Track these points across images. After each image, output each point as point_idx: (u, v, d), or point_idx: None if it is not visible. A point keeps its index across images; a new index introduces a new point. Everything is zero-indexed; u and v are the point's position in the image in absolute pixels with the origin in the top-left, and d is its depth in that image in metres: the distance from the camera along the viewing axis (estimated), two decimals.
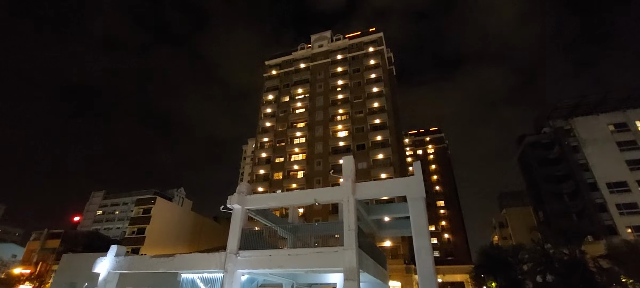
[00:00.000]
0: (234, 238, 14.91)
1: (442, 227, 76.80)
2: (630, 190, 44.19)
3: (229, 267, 14.14)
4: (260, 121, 64.13)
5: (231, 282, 13.95)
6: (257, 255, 14.40)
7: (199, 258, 15.78)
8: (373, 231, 21.68)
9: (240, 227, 15.28)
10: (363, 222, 19.05)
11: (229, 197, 15.82)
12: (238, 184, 16.82)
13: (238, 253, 14.44)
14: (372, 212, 20.14)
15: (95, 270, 16.49)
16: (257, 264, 14.29)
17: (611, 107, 52.52)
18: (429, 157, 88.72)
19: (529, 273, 20.22)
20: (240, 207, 15.70)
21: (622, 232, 40.09)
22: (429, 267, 12.77)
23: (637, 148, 47.06)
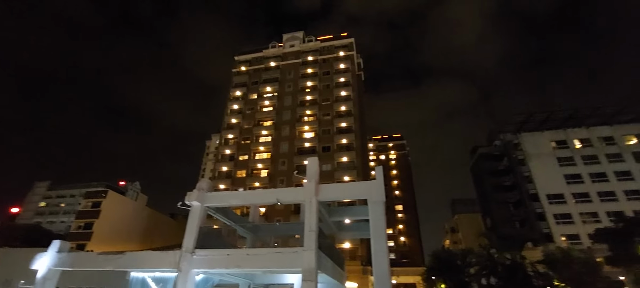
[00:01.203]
0: (191, 237, 14.43)
1: (399, 231, 79.70)
2: (566, 202, 48.93)
3: (183, 266, 13.66)
4: (226, 117, 62.56)
5: (185, 282, 13.49)
6: (214, 254, 14.05)
7: (151, 256, 15.06)
8: (333, 233, 22.00)
9: (198, 225, 14.83)
10: (324, 224, 19.29)
11: (187, 194, 15.29)
12: (199, 181, 16.28)
13: (194, 252, 13.99)
14: (333, 213, 20.45)
15: (33, 267, 15.15)
16: (213, 263, 13.95)
17: (554, 125, 57.69)
18: (391, 162, 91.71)
19: (475, 276, 21.69)
20: (199, 204, 15.24)
21: (557, 239, 44.22)
22: (385, 268, 13.25)
23: (574, 165, 52.18)
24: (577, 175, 50.97)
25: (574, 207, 48.42)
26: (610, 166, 50.68)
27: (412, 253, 73.23)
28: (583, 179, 50.43)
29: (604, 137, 53.84)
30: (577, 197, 49.16)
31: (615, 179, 49.38)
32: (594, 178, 50.21)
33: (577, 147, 54.00)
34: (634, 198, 45.60)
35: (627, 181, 48.80)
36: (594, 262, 25.23)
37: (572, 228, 46.32)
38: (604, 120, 56.11)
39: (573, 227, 46.47)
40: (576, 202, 48.71)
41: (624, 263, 25.63)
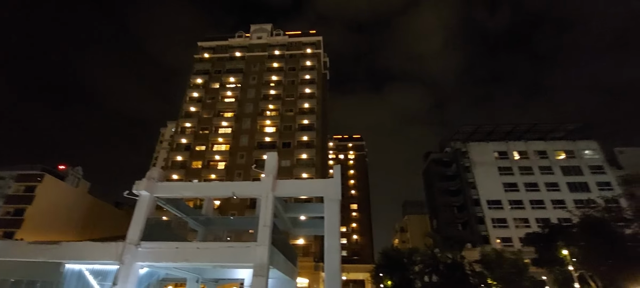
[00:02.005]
0: (136, 228, 13.75)
1: (352, 229, 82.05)
2: (503, 208, 53.75)
3: (126, 259, 12.99)
4: (185, 105, 59.83)
5: (127, 276, 12.83)
6: (162, 247, 13.54)
7: (91, 247, 14.12)
8: (288, 228, 22.16)
9: (146, 215, 14.17)
10: (279, 219, 19.37)
11: (136, 182, 14.52)
12: (150, 169, 15.51)
13: (139, 244, 13.36)
14: (289, 209, 20.59)
15: None
16: (160, 257, 13.44)
17: (498, 137, 62.89)
18: (349, 162, 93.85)
19: (419, 273, 23.17)
20: (148, 194, 14.55)
21: (493, 242, 48.45)
22: (336, 265, 13.68)
23: (512, 174, 57.37)
24: (513, 184, 56.14)
25: (509, 212, 53.33)
26: (542, 177, 56.50)
27: (363, 251, 75.77)
28: (518, 188, 55.71)
29: (539, 151, 59.80)
30: (512, 203, 54.22)
31: (545, 189, 55.17)
32: (527, 187, 55.67)
33: (516, 158, 59.43)
34: (559, 207, 51.17)
35: (555, 191, 54.77)
36: (522, 263, 28.14)
37: (506, 232, 51.02)
38: (540, 136, 62.32)
39: (507, 231, 51.21)
40: (511, 208, 53.71)
41: (546, 265, 28.81)
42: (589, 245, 23.71)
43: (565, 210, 40.29)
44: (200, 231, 19.73)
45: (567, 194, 53.54)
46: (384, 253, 24.84)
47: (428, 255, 23.95)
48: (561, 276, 25.32)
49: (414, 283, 22.35)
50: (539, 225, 41.59)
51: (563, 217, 36.60)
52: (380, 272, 24.49)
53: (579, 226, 26.60)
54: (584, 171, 56.41)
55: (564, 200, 52.49)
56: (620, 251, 22.40)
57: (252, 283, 12.39)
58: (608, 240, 23.23)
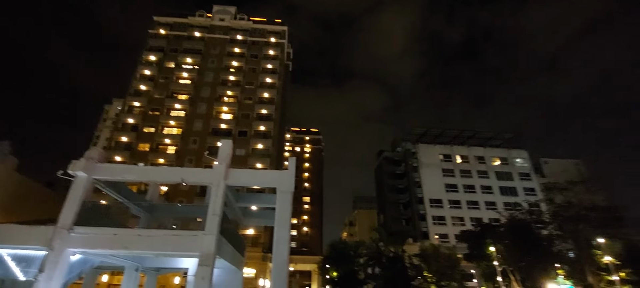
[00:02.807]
0: (70, 211, 12.73)
1: (303, 221, 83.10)
2: (443, 207, 58.09)
3: (56, 244, 12.00)
4: (135, 82, 55.63)
5: (56, 262, 11.88)
6: (98, 232, 12.71)
7: (15, 230, 12.79)
8: (238, 218, 21.92)
9: (81, 198, 13.15)
10: (230, 209, 19.10)
11: (72, 162, 13.38)
12: (90, 149, 14.36)
13: (72, 229, 12.39)
14: (241, 199, 20.36)
15: None
16: (95, 243, 12.61)
17: (445, 141, 67.50)
18: (305, 155, 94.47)
19: (364, 265, 24.35)
20: (85, 176, 13.48)
21: (432, 237, 52.27)
22: (284, 256, 13.90)
23: (453, 176, 62.06)
24: (454, 185, 60.83)
25: (448, 211, 57.78)
26: (479, 181, 61.90)
27: (312, 243, 77.17)
28: (458, 189, 60.50)
29: (478, 156, 65.32)
30: (451, 203, 58.80)
31: (480, 192, 60.57)
32: (466, 189, 60.66)
33: (458, 161, 64.33)
34: (491, 208, 56.52)
35: (488, 194, 60.38)
36: (455, 258, 30.81)
37: (444, 229, 55.31)
38: (480, 142, 68.00)
39: (445, 228, 55.51)
40: (450, 208, 58.24)
41: (476, 260, 31.86)
42: (512, 243, 26.69)
43: (495, 211, 44.63)
44: (143, 218, 18.77)
45: (499, 197, 59.35)
46: (331, 246, 25.72)
47: (373, 248, 25.26)
48: (487, 270, 28.13)
49: (358, 274, 23.45)
50: (473, 224, 45.68)
51: (493, 217, 40.46)
52: (327, 263, 25.32)
53: (505, 226, 29.77)
54: (514, 177, 62.88)
55: (495, 202, 58.09)
56: (537, 249, 25.53)
57: (197, 273, 12.16)
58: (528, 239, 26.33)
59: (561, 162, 65.74)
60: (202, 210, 16.63)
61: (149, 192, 20.27)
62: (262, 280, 38.73)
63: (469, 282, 32.91)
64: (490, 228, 31.41)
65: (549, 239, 27.56)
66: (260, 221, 26.70)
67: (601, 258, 22.99)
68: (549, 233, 28.24)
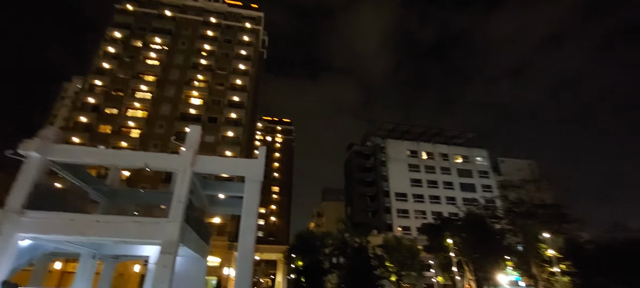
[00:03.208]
0: (20, 194, 11.95)
1: (271, 211, 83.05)
2: (407, 201, 60.47)
3: (4, 229, 11.27)
4: (98, 59, 52.21)
5: (3, 248, 11.18)
6: (52, 217, 12.05)
7: None
8: (204, 206, 21.55)
9: (34, 180, 12.37)
10: (196, 196, 18.75)
11: (24, 141, 12.50)
12: (46, 128, 13.46)
13: (23, 213, 11.66)
14: (208, 187, 20.00)
15: None
16: (49, 228, 11.96)
17: (412, 137, 69.90)
18: (276, 145, 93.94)
19: (329, 255, 24.98)
20: (38, 156, 12.66)
21: (395, 229, 54.38)
22: (250, 244, 13.92)
23: (418, 171, 64.62)
24: (419, 180, 63.42)
25: (412, 205, 60.27)
26: (442, 177, 64.94)
27: (279, 233, 77.39)
28: (422, 184, 63.18)
29: (442, 153, 68.37)
30: (415, 197, 61.34)
31: (442, 187, 63.65)
32: (429, 184, 63.48)
33: (424, 158, 66.99)
34: (451, 203, 59.59)
35: (449, 190, 63.59)
36: (415, 249, 32.40)
37: (407, 222, 57.71)
38: (445, 140, 71.16)
39: (408, 221, 57.93)
40: (414, 201, 60.78)
41: (434, 251, 33.69)
42: (468, 236, 28.45)
43: (455, 206, 47.16)
44: (103, 203, 17.96)
45: (459, 193, 62.68)
46: (298, 236, 26.07)
47: (339, 239, 25.90)
48: (444, 261, 29.83)
49: (323, 264, 24.03)
50: (434, 218, 48.06)
51: (453, 211, 42.82)
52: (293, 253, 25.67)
53: (463, 220, 31.62)
54: (473, 174, 66.59)
55: (455, 198, 61.30)
56: (490, 242, 27.42)
57: (158, 261, 11.91)
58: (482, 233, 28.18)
59: (516, 161, 70.50)
60: (166, 197, 16.19)
61: (109, 176, 19.37)
62: (227, 268, 38.46)
63: (427, 271, 34.73)
64: (449, 222, 33.21)
65: (501, 233, 29.46)
66: (227, 209, 26.41)
67: (545, 251, 25.00)
68: (502, 228, 30.16)
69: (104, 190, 17.86)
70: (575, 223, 28.03)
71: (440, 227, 32.70)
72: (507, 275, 28.99)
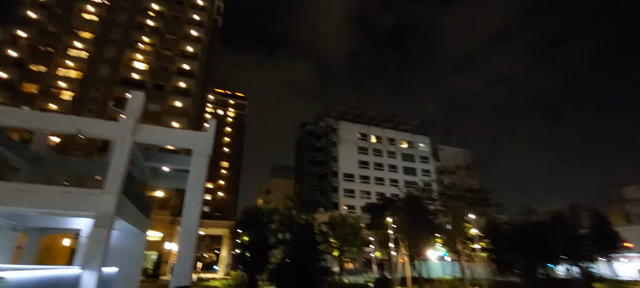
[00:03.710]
0: None
1: (219, 186, 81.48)
2: (354, 181, 63.29)
3: None
4: (22, 7, 45.31)
5: None
6: None
7: None
8: (146, 178, 20.62)
9: None
10: (137, 168, 17.87)
11: None
12: None
13: None
14: (151, 158, 19.11)
15: None
16: None
17: (364, 121, 72.34)
18: (227, 119, 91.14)
19: (275, 231, 25.59)
20: None
21: (341, 208, 56.92)
22: (194, 219, 13.80)
23: (367, 154, 67.58)
24: (366, 163, 66.47)
25: (358, 185, 63.24)
26: (388, 160, 68.70)
27: (227, 208, 76.52)
28: (369, 166, 66.36)
29: (390, 138, 72.02)
30: (362, 178, 64.40)
31: (387, 170, 67.49)
32: (375, 167, 66.88)
33: (373, 141, 70.04)
34: (394, 185, 63.55)
35: (394, 173, 67.67)
36: (358, 226, 34.45)
37: (353, 201, 60.65)
38: (393, 126, 74.80)
39: (353, 200, 60.89)
40: (360, 182, 63.80)
41: (375, 229, 36.11)
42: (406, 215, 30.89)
43: (397, 188, 50.43)
44: (27, 171, 16.36)
45: (402, 176, 67.01)
46: (245, 211, 26.15)
47: (286, 215, 26.52)
48: (383, 238, 32.12)
49: (269, 239, 24.58)
50: (377, 198, 51.01)
51: (394, 193, 45.79)
52: (239, 228, 25.82)
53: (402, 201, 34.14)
54: (416, 159, 71.43)
55: (398, 180, 65.47)
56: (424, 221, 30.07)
57: (91, 234, 11.37)
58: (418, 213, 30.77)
59: (453, 149, 76.91)
60: (102, 167, 15.24)
61: (34, 141, 17.57)
62: (168, 243, 37.43)
63: (366, 247, 37.20)
64: (390, 202, 35.54)
65: (434, 213, 32.26)
66: (171, 183, 25.48)
67: (469, 230, 28.06)
68: (435, 209, 33.01)
69: (28, 157, 16.25)
70: (495, 206, 31.71)
71: (382, 207, 34.77)
72: (436, 250, 32.23)
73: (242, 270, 23.94)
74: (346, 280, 29.70)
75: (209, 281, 27.82)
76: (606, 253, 34.12)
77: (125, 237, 16.57)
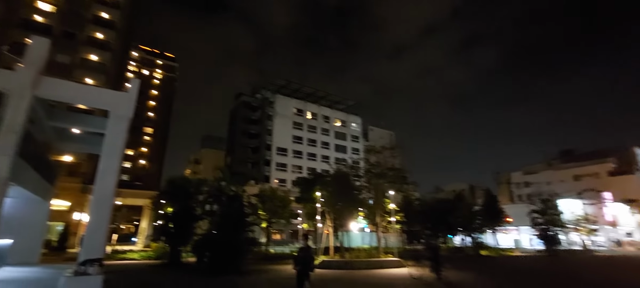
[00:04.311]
0: None
1: (141, 153, 75.24)
2: (287, 155, 64.16)
3: None
4: None
5: None
6: None
7: None
8: (50, 140, 18.19)
9: None
10: (39, 127, 15.65)
11: None
12: None
13: None
14: (57, 118, 16.84)
15: None
16: None
17: (301, 96, 72.68)
18: (154, 81, 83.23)
19: (202, 202, 24.99)
20: None
21: (272, 181, 57.55)
22: (109, 188, 12.73)
23: (301, 130, 68.64)
24: (300, 138, 67.64)
25: (291, 160, 64.33)
26: (321, 137, 70.82)
27: (149, 178, 71.15)
28: (303, 142, 67.71)
29: (325, 115, 73.97)
30: (295, 153, 65.59)
31: (320, 146, 69.69)
32: (309, 142, 68.52)
33: (308, 117, 71.17)
34: (325, 161, 66.17)
35: (326, 149, 70.23)
36: (288, 199, 35.42)
37: (284, 175, 61.71)
38: (329, 104, 76.74)
39: (285, 174, 61.96)
40: (293, 157, 64.94)
41: (304, 202, 37.57)
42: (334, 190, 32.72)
43: (328, 165, 52.65)
44: None
45: (333, 153, 69.97)
46: (170, 181, 24.78)
47: (215, 186, 25.98)
48: (311, 211, 33.67)
49: (195, 210, 23.95)
50: (308, 173, 52.67)
51: (325, 169, 47.84)
52: (163, 198, 24.46)
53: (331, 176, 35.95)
54: (347, 138, 74.98)
55: (329, 157, 68.27)
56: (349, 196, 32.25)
57: None
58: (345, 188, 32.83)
59: (381, 131, 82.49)
60: None
61: None
62: (78, 213, 33.85)
63: (294, 219, 38.67)
64: (320, 177, 37.13)
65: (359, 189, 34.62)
66: (83, 147, 22.83)
67: (388, 205, 30.94)
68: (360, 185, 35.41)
69: None
70: (411, 184, 35.39)
71: (312, 182, 36.08)
72: (358, 223, 35.07)
73: (165, 242, 23.06)
74: (272, 251, 30.70)
75: (126, 253, 26.15)
76: (493, 226, 41.03)
77: (22, 206, 14.73)
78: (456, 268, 19.85)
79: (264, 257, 26.55)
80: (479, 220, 38.11)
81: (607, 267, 24.41)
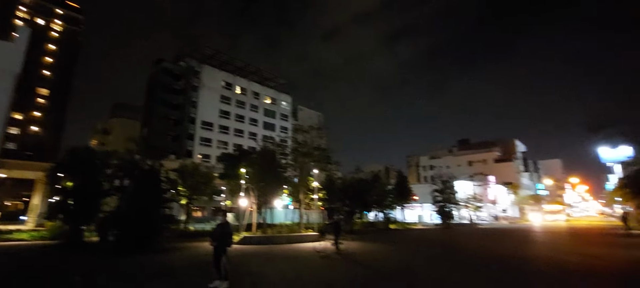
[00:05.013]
0: None
1: (33, 118, 64.05)
2: (213, 130, 61.48)
3: None
4: None
5: None
6: None
7: None
8: None
9: None
10: None
11: None
12: None
13: None
14: None
15: None
16: None
17: (230, 69, 69.36)
18: (52, 33, 70.42)
19: (110, 176, 22.67)
20: None
21: (195, 157, 54.80)
22: None
23: (229, 104, 66.06)
24: (227, 113, 65.16)
25: (216, 135, 61.83)
26: (250, 113, 69.21)
27: (44, 147, 61.21)
28: (230, 117, 65.38)
29: (255, 91, 72.17)
30: (221, 128, 63.14)
31: (248, 123, 68.20)
32: (237, 118, 66.48)
33: (237, 92, 68.63)
34: (252, 138, 65.07)
35: (254, 126, 69.05)
36: (211, 175, 34.28)
37: (209, 150, 59.19)
38: (260, 80, 74.89)
39: (210, 150, 59.47)
40: (219, 132, 62.50)
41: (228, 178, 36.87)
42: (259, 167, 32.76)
43: (255, 142, 52.10)
44: None
45: (261, 130, 69.19)
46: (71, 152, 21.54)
47: (127, 160, 23.75)
48: (235, 188, 33.28)
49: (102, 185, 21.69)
50: (234, 149, 51.55)
51: (252, 146, 47.28)
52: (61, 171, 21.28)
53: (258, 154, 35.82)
54: (276, 116, 74.71)
55: (257, 134, 67.38)
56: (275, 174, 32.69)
57: None
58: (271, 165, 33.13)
59: (310, 111, 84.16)
60: None
61: None
62: None
63: (217, 196, 37.82)
64: (246, 154, 36.73)
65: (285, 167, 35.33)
66: None
67: (312, 183, 32.30)
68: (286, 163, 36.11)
69: None
70: (335, 164, 37.36)
71: (238, 158, 35.53)
72: (282, 200, 35.95)
73: (63, 221, 20.50)
74: (192, 228, 29.78)
75: (12, 234, 22.55)
76: (402, 203, 46.05)
77: None
78: (366, 240, 22.13)
79: (183, 234, 25.63)
80: (391, 198, 42.38)
81: (481, 235, 30.01)
